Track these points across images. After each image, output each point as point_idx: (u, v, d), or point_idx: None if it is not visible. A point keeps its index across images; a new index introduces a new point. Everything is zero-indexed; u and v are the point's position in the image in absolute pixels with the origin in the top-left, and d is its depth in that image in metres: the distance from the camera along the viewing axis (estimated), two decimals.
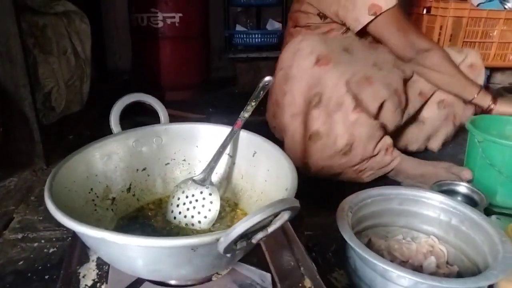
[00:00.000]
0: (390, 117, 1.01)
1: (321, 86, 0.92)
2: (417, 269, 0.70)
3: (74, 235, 0.60)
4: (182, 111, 1.43)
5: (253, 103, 0.67)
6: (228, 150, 0.63)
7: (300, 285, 0.51)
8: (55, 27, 1.35)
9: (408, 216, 0.77)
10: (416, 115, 1.16)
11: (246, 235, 0.39)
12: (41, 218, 0.86)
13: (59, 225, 0.84)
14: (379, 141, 0.98)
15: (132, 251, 0.40)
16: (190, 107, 1.65)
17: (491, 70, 2.10)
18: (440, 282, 0.53)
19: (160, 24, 1.61)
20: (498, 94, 1.65)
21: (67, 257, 0.54)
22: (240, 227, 0.35)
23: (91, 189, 0.55)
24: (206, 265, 0.43)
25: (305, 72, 0.93)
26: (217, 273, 0.50)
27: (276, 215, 0.39)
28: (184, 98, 1.78)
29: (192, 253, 0.40)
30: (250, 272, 0.50)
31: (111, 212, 0.57)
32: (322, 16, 1.07)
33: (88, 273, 0.52)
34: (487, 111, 1.06)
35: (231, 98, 1.89)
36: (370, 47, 1.06)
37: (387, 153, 1.01)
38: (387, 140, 1.00)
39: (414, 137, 1.20)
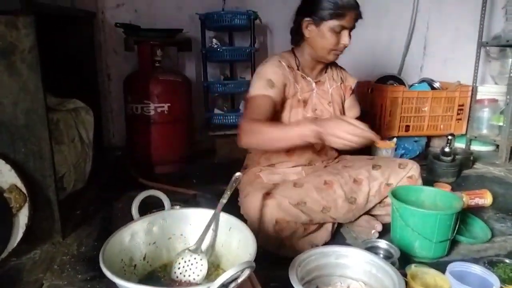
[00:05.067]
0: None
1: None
2: None
3: None
4: (173, 185, 1.73)
5: (228, 192, 0.98)
6: (212, 226, 0.93)
7: None
8: (66, 120, 1.66)
9: (343, 267, 1.06)
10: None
11: (225, 285, 0.68)
12: (65, 282, 1.11)
13: (80, 287, 1.09)
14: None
15: None
16: (177, 179, 1.95)
17: (429, 137, 2.52)
18: None
19: (152, 112, 1.95)
20: (430, 160, 2.03)
21: None
22: (220, 278, 0.65)
23: (122, 260, 0.83)
24: None
25: (268, 230, 1.19)
26: None
27: (242, 271, 0.69)
28: (171, 171, 2.08)
29: None
30: None
31: (134, 275, 0.84)
32: None
33: None
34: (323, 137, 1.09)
35: (211, 169, 2.21)
36: (322, 190, 1.27)
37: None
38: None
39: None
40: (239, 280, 0.69)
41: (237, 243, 0.88)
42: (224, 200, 0.96)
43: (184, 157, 2.17)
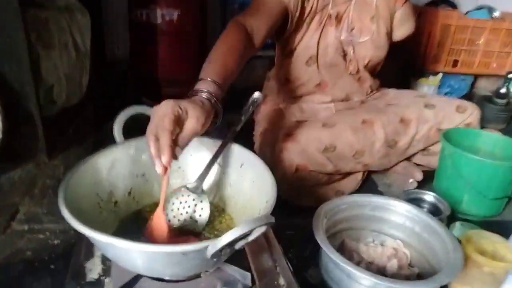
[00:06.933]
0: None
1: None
2: (381, 270, 0.79)
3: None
4: None
5: (243, 118, 0.74)
6: (219, 160, 0.71)
7: (276, 283, 0.60)
8: (57, 21, 1.39)
9: (378, 221, 0.86)
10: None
11: (230, 243, 0.47)
12: (45, 211, 0.94)
13: (63, 218, 0.91)
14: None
15: (134, 254, 0.48)
16: None
17: (476, 77, 2.18)
18: (395, 284, 0.62)
19: (159, 20, 1.65)
20: (478, 102, 1.74)
21: (75, 253, 0.62)
22: (225, 239, 0.44)
23: (97, 194, 0.63)
24: (195, 266, 0.51)
25: (286, 178, 0.97)
26: (205, 270, 0.59)
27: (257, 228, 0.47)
28: (180, 93, 1.84)
29: (183, 257, 0.48)
30: (233, 271, 0.58)
31: (113, 214, 0.65)
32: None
33: (94, 267, 0.60)
34: None
35: (226, 95, 1.96)
36: (359, 131, 1.03)
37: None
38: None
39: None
40: (250, 238, 0.49)
41: (250, 185, 0.67)
42: (237, 128, 0.73)
43: (194, 79, 1.91)
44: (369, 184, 1.18)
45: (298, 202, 1.02)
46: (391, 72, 1.38)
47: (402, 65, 2.06)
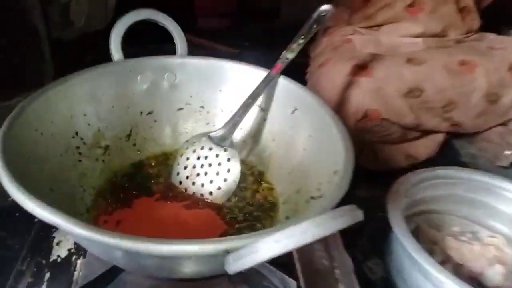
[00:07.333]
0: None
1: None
2: (474, 277, 0.56)
3: None
4: (213, 42, 1.27)
5: (301, 40, 0.50)
6: (260, 101, 0.48)
7: None
8: None
9: (474, 206, 0.62)
10: None
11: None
12: None
13: None
14: None
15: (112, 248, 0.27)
16: (222, 39, 1.47)
17: None
18: None
19: None
20: None
21: None
22: (260, 255, 0.21)
23: (76, 133, 0.42)
24: (205, 270, 0.30)
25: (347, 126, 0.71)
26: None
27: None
28: (217, 27, 1.60)
29: (188, 259, 0.27)
30: (269, 272, 0.37)
31: (101, 164, 0.44)
32: None
33: (65, 239, 0.41)
34: None
35: (272, 33, 1.67)
36: (455, 74, 0.77)
37: None
38: None
39: None
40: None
41: (306, 140, 0.44)
42: (290, 55, 0.49)
43: (236, 12, 1.66)
44: (447, 151, 0.91)
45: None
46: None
47: (491, 11, 1.67)
